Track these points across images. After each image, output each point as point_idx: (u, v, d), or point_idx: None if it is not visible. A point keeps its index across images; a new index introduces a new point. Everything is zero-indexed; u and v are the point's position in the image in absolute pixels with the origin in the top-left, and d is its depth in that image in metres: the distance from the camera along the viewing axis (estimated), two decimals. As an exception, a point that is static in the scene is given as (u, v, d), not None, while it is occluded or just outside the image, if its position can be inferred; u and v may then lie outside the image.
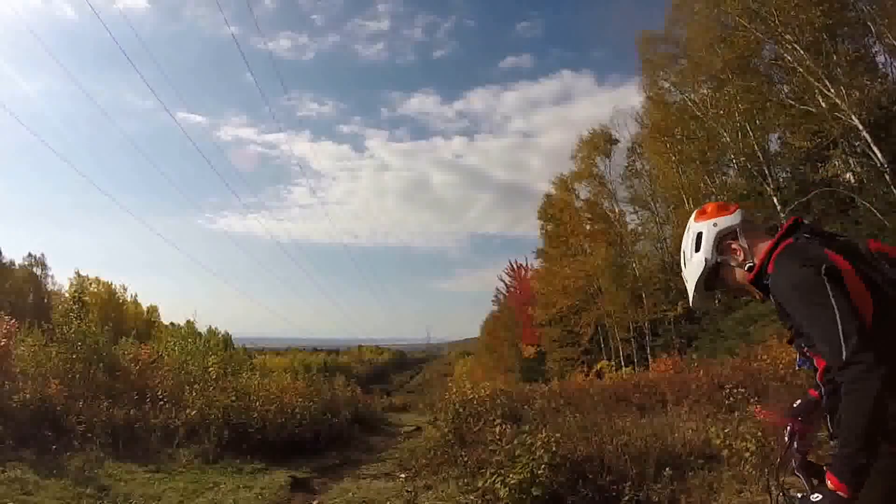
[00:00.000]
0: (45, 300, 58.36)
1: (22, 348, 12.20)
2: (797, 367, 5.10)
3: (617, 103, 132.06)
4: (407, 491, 8.16)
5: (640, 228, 38.57)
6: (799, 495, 2.11)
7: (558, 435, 7.26)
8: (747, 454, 6.88)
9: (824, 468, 2.05)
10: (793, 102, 23.19)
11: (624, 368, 31.75)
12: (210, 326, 35.06)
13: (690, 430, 8.83)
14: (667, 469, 6.76)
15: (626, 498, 6.12)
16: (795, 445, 2.20)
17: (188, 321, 28.50)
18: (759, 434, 6.96)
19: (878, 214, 18.85)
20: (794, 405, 2.31)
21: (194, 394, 12.40)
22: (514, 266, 55.85)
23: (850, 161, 22.46)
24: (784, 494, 2.25)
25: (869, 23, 21.87)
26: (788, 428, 2.24)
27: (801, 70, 22.16)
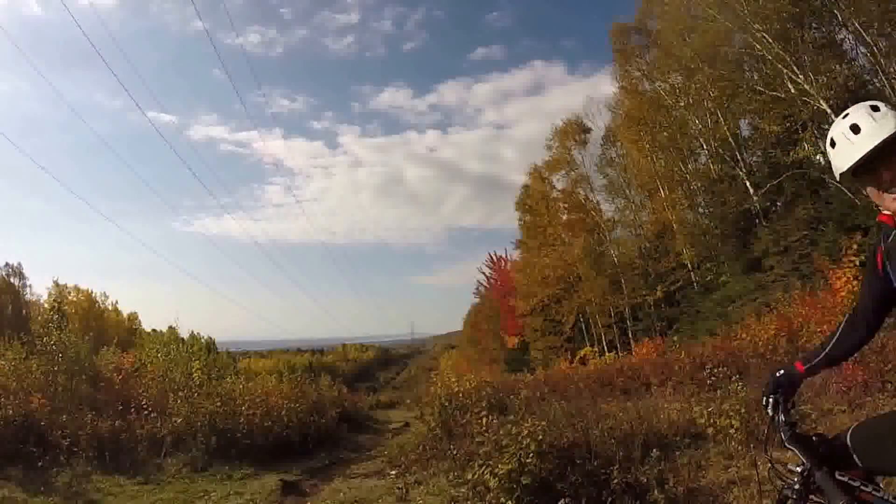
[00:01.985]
0: (24, 311, 56.99)
1: (2, 362, 12.10)
2: None
3: (589, 92, 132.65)
4: (398, 488, 8.23)
5: (616, 216, 38.78)
6: (792, 467, 2.17)
7: (544, 423, 7.28)
8: (732, 431, 7.01)
9: (814, 439, 2.14)
10: (762, 89, 23.53)
11: (607, 354, 31.95)
12: (192, 332, 34.60)
13: (675, 411, 8.95)
14: (654, 450, 6.83)
15: (615, 481, 6.16)
16: (783, 418, 2.18)
17: (170, 327, 28.22)
18: (743, 411, 7.09)
19: (848, 193, 19.18)
20: (777, 375, 2.31)
21: (179, 401, 12.26)
22: (494, 258, 55.94)
23: (820, 144, 22.81)
24: (773, 467, 2.28)
25: (835, 10, 22.19)
26: (772, 400, 2.24)
27: (770, 57, 22.49)
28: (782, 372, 2.32)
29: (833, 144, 2.07)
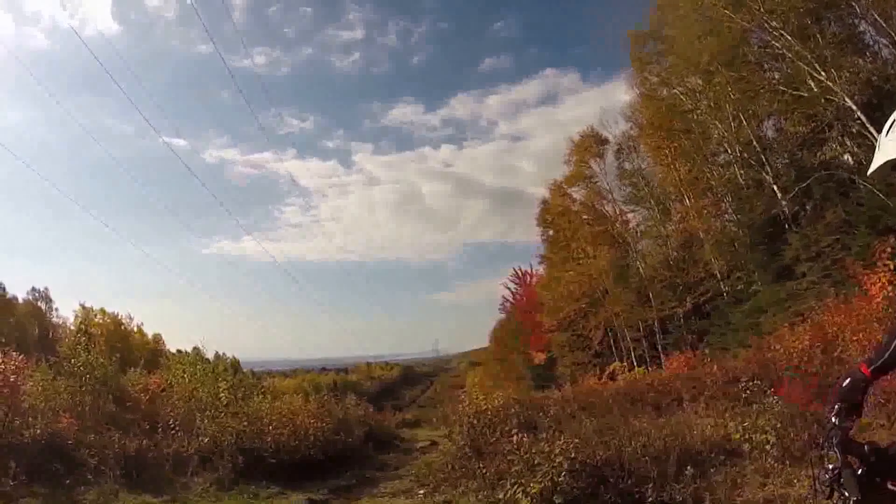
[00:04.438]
0: (51, 334, 57.95)
1: (30, 383, 12.15)
2: None
3: (603, 100, 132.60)
4: None
5: (640, 227, 38.36)
6: (830, 466, 2.13)
7: (576, 441, 7.19)
8: (768, 446, 6.82)
9: (865, 447, 2.07)
10: (784, 88, 23.17)
11: (637, 369, 31.54)
12: (217, 352, 34.73)
13: (709, 427, 8.77)
14: (688, 467, 6.68)
15: (650, 500, 6.02)
16: (836, 423, 2.15)
17: (195, 347, 28.36)
18: (779, 426, 6.89)
19: (880, 195, 18.72)
20: (844, 384, 2.22)
21: (206, 421, 12.40)
22: (519, 273, 55.72)
23: (847, 142, 22.38)
24: (827, 472, 2.19)
25: (853, 2, 21.86)
26: (837, 406, 2.18)
27: (790, 55, 22.16)
28: (848, 379, 2.22)
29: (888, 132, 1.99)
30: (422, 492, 9.81)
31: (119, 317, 63.35)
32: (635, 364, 34.20)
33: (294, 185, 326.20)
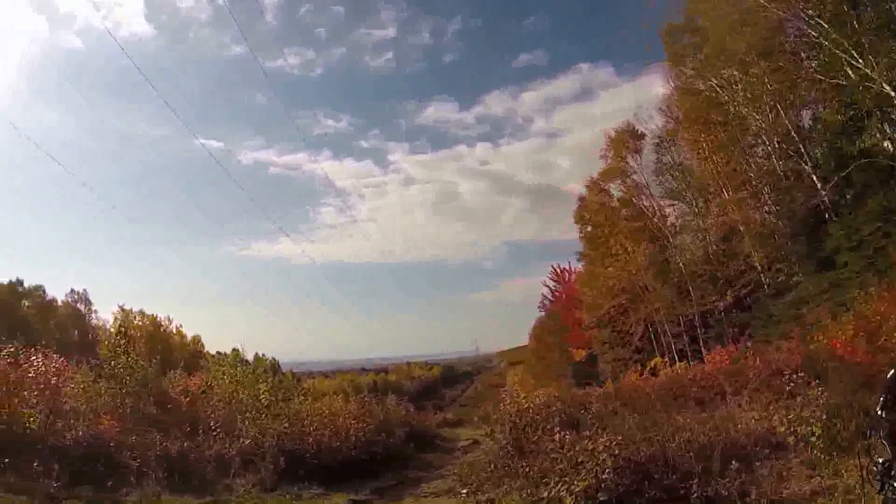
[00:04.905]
0: (90, 336, 58.99)
1: (71, 385, 12.46)
2: None
3: (639, 93, 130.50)
4: None
5: (679, 221, 37.93)
6: (880, 459, 2.20)
7: (620, 437, 7.22)
8: (813, 438, 6.78)
9: None
10: (822, 77, 22.75)
11: (678, 364, 31.17)
12: (257, 353, 35.11)
13: (753, 420, 8.73)
14: (733, 462, 6.67)
15: (695, 495, 6.04)
16: (887, 415, 2.20)
17: (234, 349, 28.79)
18: (824, 417, 6.86)
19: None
20: (890, 376, 2.30)
21: (247, 422, 12.54)
22: (558, 270, 55.53)
23: (887, 129, 21.87)
24: (876, 465, 2.27)
25: (887, -16, 21.33)
26: (883, 398, 2.24)
27: (826, 44, 21.74)
28: (893, 371, 2.32)
29: None
30: (464, 491, 9.74)
31: (158, 319, 64.14)
32: (676, 359, 33.85)
33: (330, 185, 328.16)
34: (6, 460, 8.80)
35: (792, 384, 9.36)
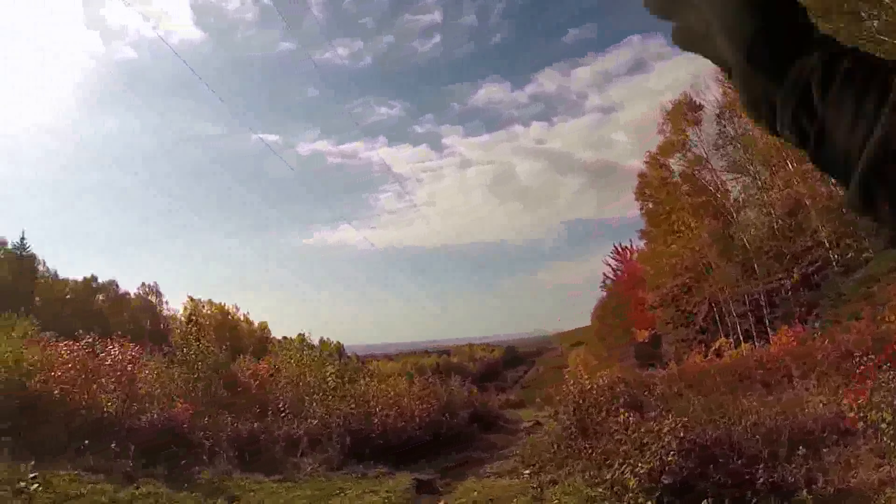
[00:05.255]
0: (162, 325, 62.07)
1: (146, 371, 13.05)
2: None
3: (694, 63, 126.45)
4: (532, 487, 8.15)
5: (742, 196, 36.93)
6: None
7: (685, 420, 7.24)
8: (884, 425, 6.66)
9: None
10: (885, 38, 21.82)
11: (743, 344, 30.57)
12: (322, 338, 35.97)
13: (821, 404, 8.61)
14: (800, 447, 6.63)
15: (760, 481, 6.03)
16: None
17: (300, 334, 29.67)
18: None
19: None
20: None
21: (314, 404, 12.99)
22: (620, 249, 54.83)
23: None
24: None
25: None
26: None
27: (888, 1, 20.84)
28: None
29: None
30: (527, 472, 9.74)
31: (226, 307, 66.73)
32: (742, 339, 33.18)
33: (388, 172, 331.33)
34: (86, 442, 9.18)
35: (862, 367, 9.19)
